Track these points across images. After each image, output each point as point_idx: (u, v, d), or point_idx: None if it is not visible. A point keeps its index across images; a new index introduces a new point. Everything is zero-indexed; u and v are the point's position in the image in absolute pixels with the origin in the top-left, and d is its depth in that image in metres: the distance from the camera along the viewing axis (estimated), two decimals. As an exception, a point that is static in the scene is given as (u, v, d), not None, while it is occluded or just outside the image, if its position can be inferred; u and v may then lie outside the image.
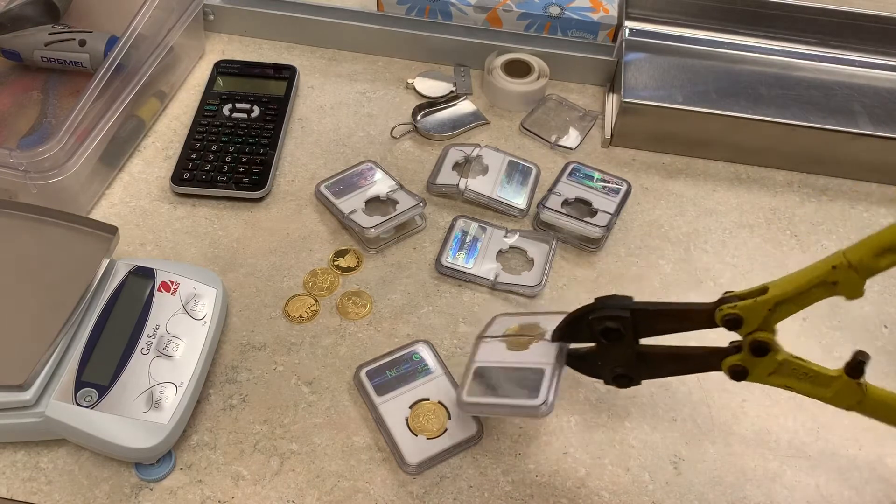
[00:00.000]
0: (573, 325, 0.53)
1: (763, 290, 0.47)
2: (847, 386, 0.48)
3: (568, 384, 0.61)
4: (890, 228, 0.44)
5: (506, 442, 0.57)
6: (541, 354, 0.54)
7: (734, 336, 0.49)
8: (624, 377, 0.53)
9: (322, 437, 0.57)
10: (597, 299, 0.52)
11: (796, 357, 0.48)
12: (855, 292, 0.45)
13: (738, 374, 0.49)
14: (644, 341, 0.51)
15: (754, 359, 0.48)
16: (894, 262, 0.44)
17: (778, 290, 0.46)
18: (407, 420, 0.57)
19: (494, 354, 0.56)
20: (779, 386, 0.49)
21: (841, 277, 0.45)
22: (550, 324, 0.55)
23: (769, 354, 0.48)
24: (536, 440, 0.57)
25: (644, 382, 0.61)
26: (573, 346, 0.54)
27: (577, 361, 0.54)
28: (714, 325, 0.48)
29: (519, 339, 0.56)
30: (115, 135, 0.71)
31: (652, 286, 0.68)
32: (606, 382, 0.54)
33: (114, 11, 0.78)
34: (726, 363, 0.49)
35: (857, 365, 0.47)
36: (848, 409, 0.49)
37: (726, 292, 0.49)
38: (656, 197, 0.75)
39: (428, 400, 0.58)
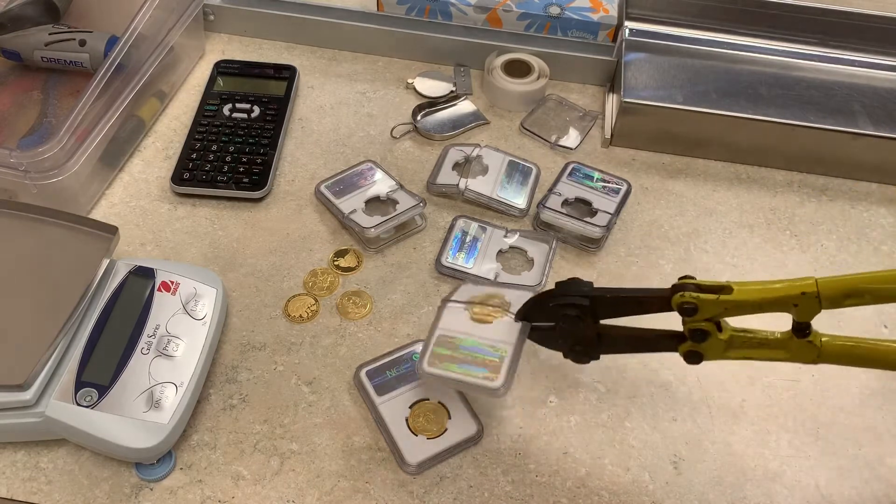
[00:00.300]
0: (535, 308, 0.55)
1: (726, 288, 0.48)
2: (800, 345, 0.50)
3: (568, 384, 0.61)
4: (866, 276, 0.46)
5: (506, 442, 0.57)
6: (504, 332, 0.55)
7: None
8: (583, 353, 0.55)
9: (322, 437, 0.57)
10: (557, 284, 0.53)
11: (741, 329, 0.50)
12: (808, 317, 0.48)
13: (693, 358, 0.52)
14: (605, 321, 0.53)
15: (699, 345, 0.51)
16: (855, 304, 0.47)
17: (742, 295, 0.48)
18: (407, 420, 0.57)
19: (458, 324, 0.57)
20: (739, 358, 0.51)
21: (803, 303, 0.47)
22: (515, 298, 0.56)
23: (709, 338, 0.50)
24: (536, 440, 0.57)
25: (643, 383, 0.61)
26: (536, 323, 0.56)
27: (537, 335, 0.56)
28: (670, 310, 0.50)
29: (483, 310, 0.57)
30: (115, 135, 0.71)
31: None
32: (566, 356, 0.56)
33: (114, 11, 0.78)
34: (682, 349, 0.51)
35: (799, 326, 0.49)
36: (813, 363, 0.51)
37: (683, 276, 0.50)
38: (656, 197, 0.75)
39: (428, 400, 0.58)
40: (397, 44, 0.86)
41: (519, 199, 0.72)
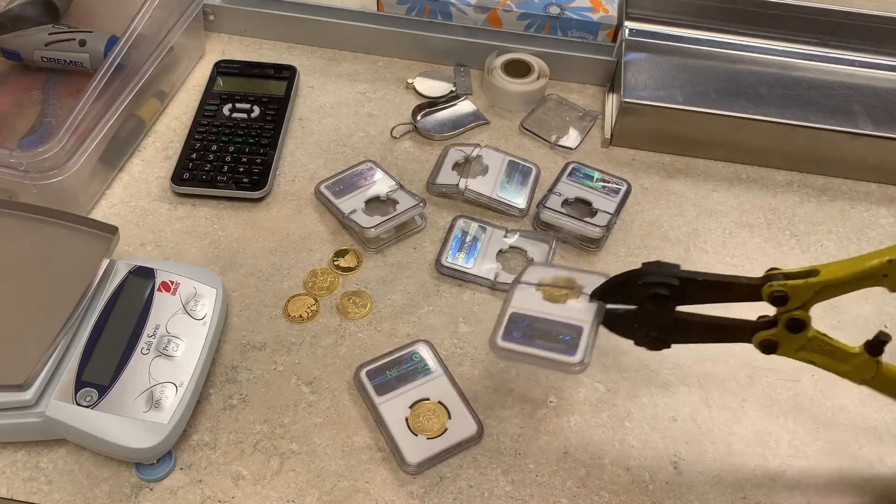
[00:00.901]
0: (617, 288, 0.53)
1: (813, 272, 0.49)
2: (865, 362, 0.51)
3: (567, 383, 0.61)
4: None
5: (506, 442, 0.57)
6: (579, 311, 0.54)
7: (763, 310, 0.51)
8: (658, 339, 0.54)
9: (322, 437, 0.57)
10: (644, 265, 0.53)
11: (823, 334, 0.51)
12: None
13: (768, 348, 0.52)
14: (680, 308, 0.53)
15: (788, 335, 0.51)
16: None
17: (829, 275, 0.48)
18: (407, 420, 0.57)
19: (531, 303, 0.55)
20: (802, 360, 0.52)
21: (893, 272, 0.48)
22: (587, 281, 0.55)
23: (802, 331, 0.50)
24: (536, 440, 0.57)
25: (643, 383, 0.61)
26: (610, 306, 0.55)
27: (609, 319, 0.55)
28: (755, 300, 0.50)
29: (555, 290, 0.55)
30: (115, 135, 0.71)
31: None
32: (637, 343, 0.54)
33: (114, 11, 0.78)
34: (758, 337, 0.52)
35: (878, 343, 0.50)
36: (861, 383, 0.52)
37: (771, 269, 0.50)
38: (656, 197, 0.75)
39: (428, 400, 0.58)
40: (397, 44, 0.86)
41: (519, 199, 0.72)
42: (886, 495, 0.56)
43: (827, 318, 0.66)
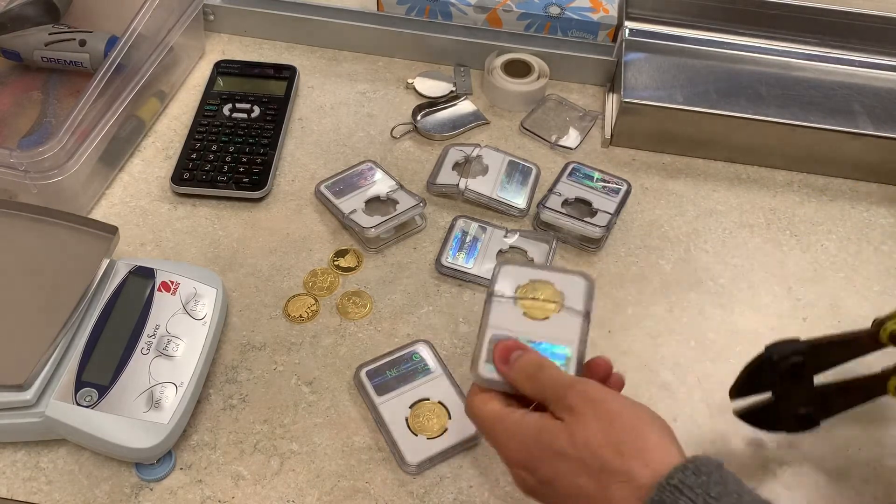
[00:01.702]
0: (753, 376, 0.54)
1: None
2: None
3: (568, 384, 0.61)
4: None
5: (506, 442, 0.57)
6: (564, 329, 0.49)
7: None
8: (807, 417, 0.54)
9: (322, 437, 0.57)
10: (767, 347, 0.53)
11: None
12: None
13: None
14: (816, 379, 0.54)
15: None
16: None
17: None
18: (407, 420, 0.57)
19: (511, 321, 0.50)
20: None
21: None
22: (566, 286, 0.51)
23: None
24: (536, 440, 0.57)
25: (643, 383, 0.61)
26: (742, 403, 0.55)
27: (753, 417, 0.55)
28: (876, 348, 0.52)
29: (535, 304, 0.50)
30: (115, 135, 0.71)
31: (652, 286, 0.68)
32: (790, 431, 0.55)
33: (114, 11, 0.78)
34: (892, 383, 0.52)
35: None
36: None
37: (876, 319, 0.52)
38: (656, 197, 0.75)
39: (428, 400, 0.58)
40: (397, 44, 0.86)
41: (519, 199, 0.72)
42: (887, 495, 0.56)
43: (827, 317, 0.66)
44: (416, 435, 0.56)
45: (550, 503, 0.44)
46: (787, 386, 0.53)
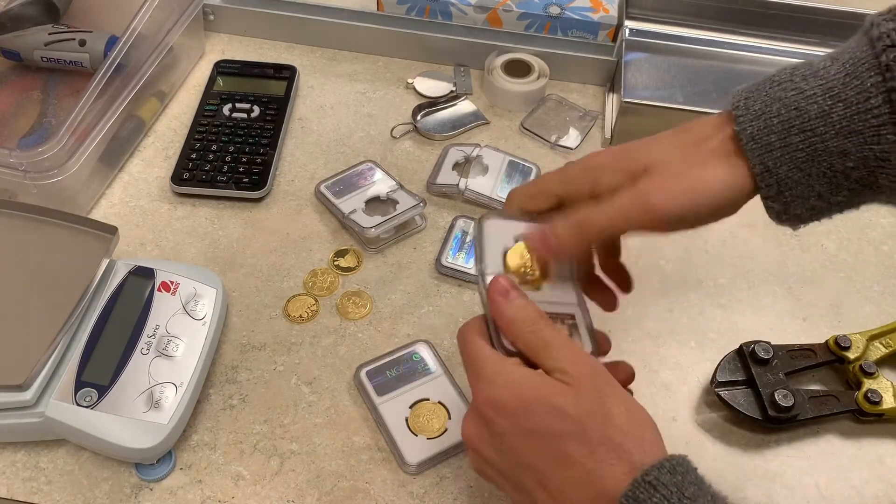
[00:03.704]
0: (730, 363, 0.60)
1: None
2: None
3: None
4: None
5: (506, 442, 0.57)
6: (559, 294, 0.48)
7: None
8: (786, 408, 0.57)
9: (322, 437, 0.57)
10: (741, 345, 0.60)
11: None
12: None
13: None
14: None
15: None
16: None
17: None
18: (407, 420, 0.57)
19: None
20: None
21: None
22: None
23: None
24: (536, 440, 0.57)
25: (643, 383, 0.61)
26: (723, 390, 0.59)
27: (734, 398, 0.59)
28: (832, 356, 0.61)
29: (527, 276, 0.48)
30: (115, 135, 0.71)
31: (652, 286, 0.68)
32: (771, 418, 0.57)
33: (114, 11, 0.78)
34: (859, 396, 0.58)
35: None
36: None
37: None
38: (656, 197, 0.75)
39: (428, 400, 0.58)
40: (397, 44, 0.86)
41: (519, 199, 0.72)
42: (886, 495, 0.56)
43: (827, 318, 0.66)
44: (416, 435, 0.56)
45: (497, 465, 0.43)
46: (760, 371, 0.58)
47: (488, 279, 0.46)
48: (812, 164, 0.41)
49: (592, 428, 0.40)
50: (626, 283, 0.52)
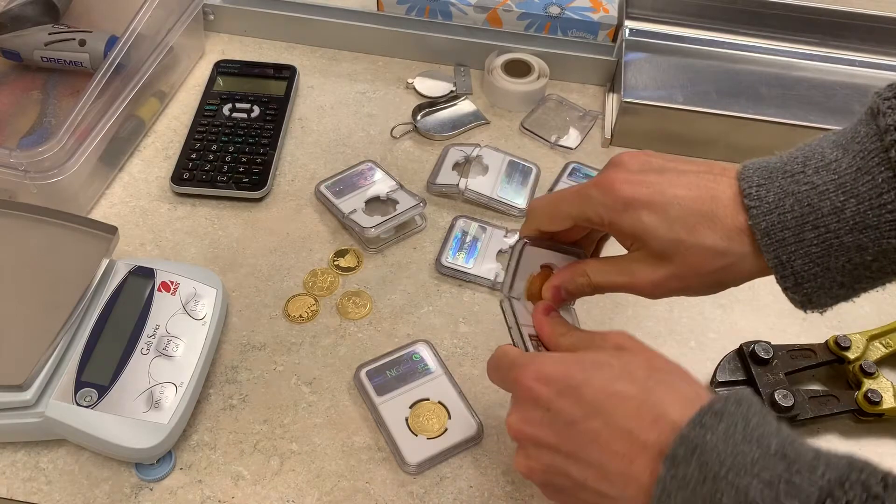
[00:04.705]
0: (730, 363, 0.61)
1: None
2: None
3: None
4: None
5: (506, 442, 0.57)
6: (568, 319, 0.51)
7: None
8: (786, 408, 0.57)
9: (322, 437, 0.57)
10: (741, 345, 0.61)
11: None
12: None
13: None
14: None
15: None
16: None
17: None
18: (407, 420, 0.57)
19: (528, 318, 0.51)
20: None
21: None
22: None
23: None
24: (536, 440, 0.57)
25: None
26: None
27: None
28: (831, 356, 0.62)
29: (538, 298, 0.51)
30: (115, 135, 0.71)
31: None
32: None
33: (114, 11, 0.78)
34: (859, 396, 0.59)
35: None
36: None
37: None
38: (656, 197, 0.75)
39: (428, 400, 0.58)
40: (397, 44, 0.86)
41: (519, 199, 0.72)
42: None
43: (827, 318, 0.66)
44: (416, 435, 0.56)
45: (548, 440, 0.41)
46: (760, 371, 0.59)
47: (515, 302, 0.50)
48: (829, 258, 0.41)
49: (636, 369, 0.40)
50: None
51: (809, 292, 0.42)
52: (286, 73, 0.82)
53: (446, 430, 0.56)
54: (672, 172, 0.44)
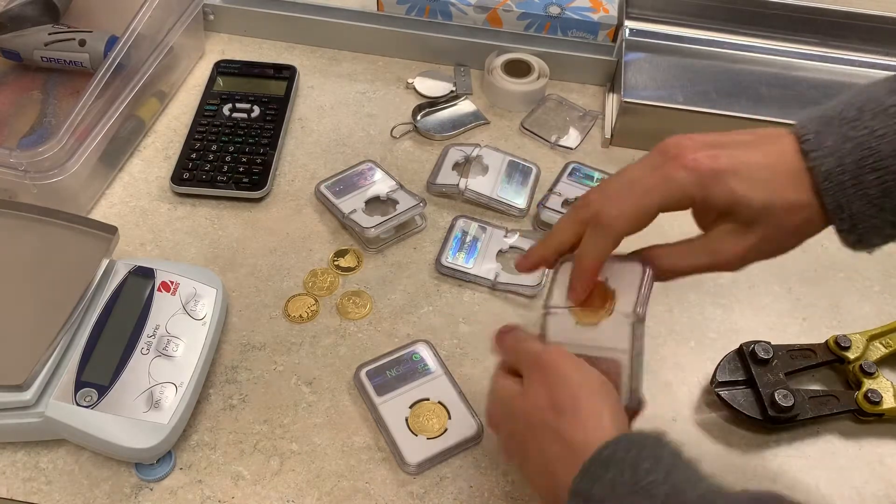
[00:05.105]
0: (730, 363, 0.61)
1: None
2: None
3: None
4: None
5: (506, 442, 0.57)
6: (612, 336, 0.47)
7: None
8: (786, 408, 0.57)
9: (322, 437, 0.57)
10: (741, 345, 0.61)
11: None
12: None
13: None
14: None
15: None
16: None
17: None
18: (407, 420, 0.57)
19: (565, 332, 0.49)
20: None
21: None
22: (621, 279, 0.50)
23: None
24: (536, 440, 0.57)
25: (644, 383, 0.61)
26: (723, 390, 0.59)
27: (733, 398, 0.59)
28: (831, 356, 0.61)
29: (584, 311, 0.49)
30: (115, 135, 0.71)
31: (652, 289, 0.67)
32: (771, 419, 0.58)
33: (114, 11, 0.78)
34: (859, 396, 0.59)
35: None
36: None
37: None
38: (656, 197, 0.75)
39: (428, 400, 0.58)
40: (397, 44, 0.86)
41: (519, 199, 0.72)
42: (886, 495, 0.56)
43: (827, 318, 0.66)
44: (416, 435, 0.56)
45: (519, 462, 0.47)
46: (760, 371, 0.58)
47: (550, 311, 0.50)
48: (885, 199, 0.42)
49: (534, 417, 0.44)
50: None
51: (862, 233, 0.44)
52: (286, 73, 0.82)
53: (446, 430, 0.56)
54: (733, 143, 0.45)
